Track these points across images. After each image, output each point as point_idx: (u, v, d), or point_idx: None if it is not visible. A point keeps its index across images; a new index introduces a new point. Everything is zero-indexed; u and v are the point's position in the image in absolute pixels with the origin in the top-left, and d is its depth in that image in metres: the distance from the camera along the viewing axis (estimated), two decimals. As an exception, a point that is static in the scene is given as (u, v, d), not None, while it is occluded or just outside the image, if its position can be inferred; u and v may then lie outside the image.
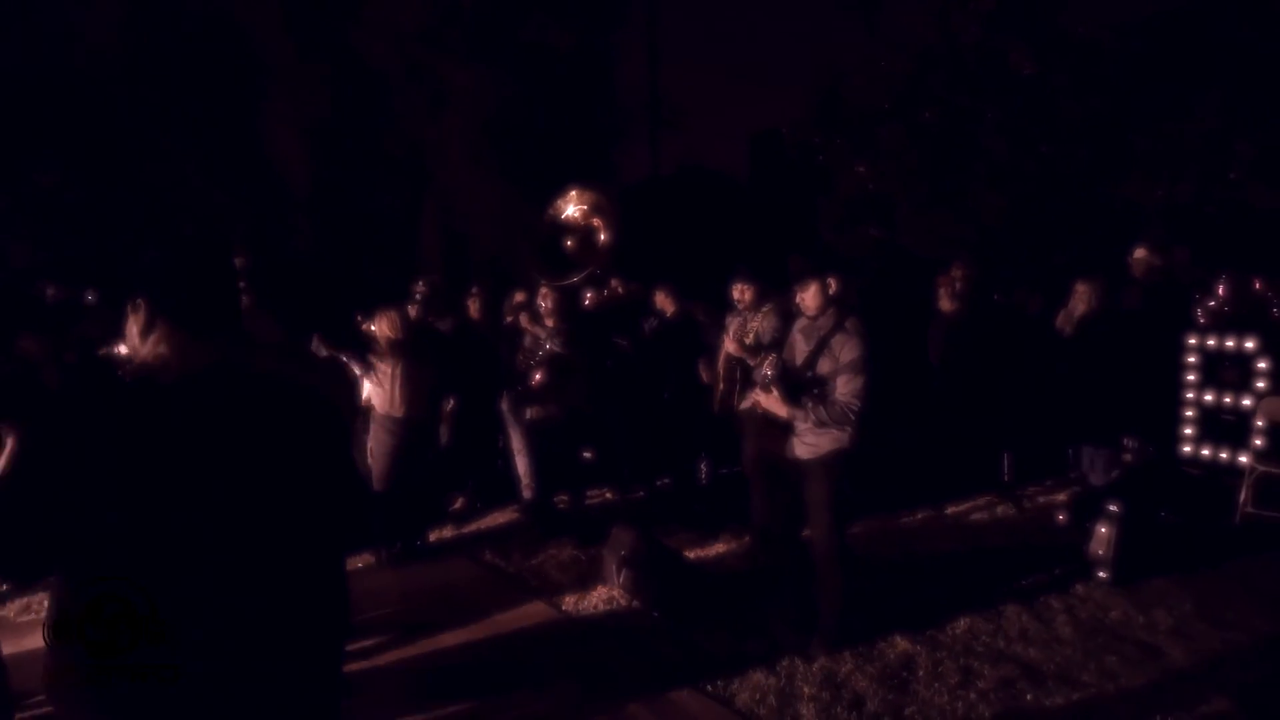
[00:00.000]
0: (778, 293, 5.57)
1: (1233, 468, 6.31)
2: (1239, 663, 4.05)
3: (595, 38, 15.08)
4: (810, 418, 4.12)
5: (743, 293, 5.59)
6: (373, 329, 5.74)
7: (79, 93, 11.74)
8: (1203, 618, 4.51)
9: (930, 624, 4.43)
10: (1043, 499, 6.66)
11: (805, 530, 4.32)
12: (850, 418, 4.07)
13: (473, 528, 6.50)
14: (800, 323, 4.43)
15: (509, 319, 6.99)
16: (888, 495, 6.73)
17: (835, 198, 14.22)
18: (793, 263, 6.53)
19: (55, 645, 1.58)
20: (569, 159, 13.91)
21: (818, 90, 14.50)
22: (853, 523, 4.84)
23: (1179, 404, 6.67)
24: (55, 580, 1.60)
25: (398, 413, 5.64)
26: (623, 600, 4.89)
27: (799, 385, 4.21)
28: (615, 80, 16.18)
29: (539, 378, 6.14)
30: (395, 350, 5.63)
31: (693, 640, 4.37)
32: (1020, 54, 12.57)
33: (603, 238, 5.51)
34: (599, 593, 5.00)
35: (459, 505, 6.80)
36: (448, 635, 4.46)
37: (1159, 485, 5.61)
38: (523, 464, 6.50)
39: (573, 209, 5.57)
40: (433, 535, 6.20)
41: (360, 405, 5.98)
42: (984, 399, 6.88)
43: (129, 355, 1.70)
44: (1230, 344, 6.42)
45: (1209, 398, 6.52)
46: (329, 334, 5.63)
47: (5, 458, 2.62)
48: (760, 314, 5.51)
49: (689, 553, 5.49)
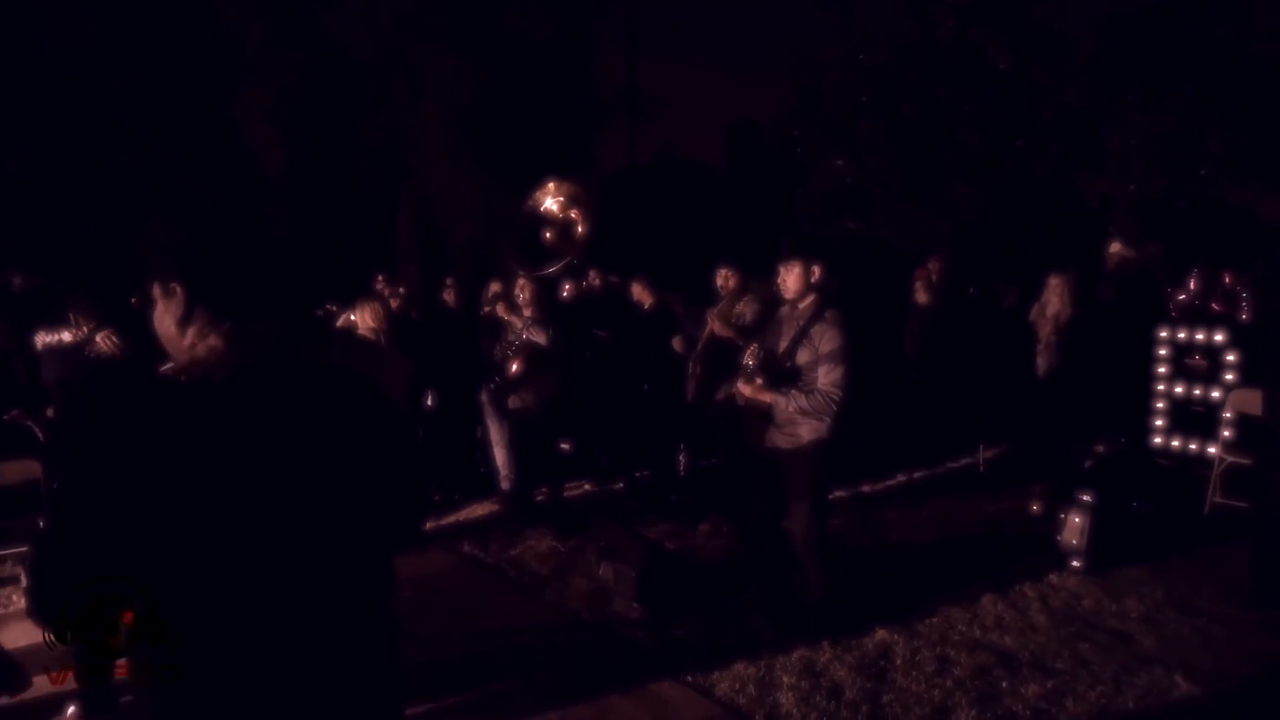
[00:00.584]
0: (760, 280, 5.63)
1: (1202, 458, 6.43)
2: (1208, 649, 4.13)
3: (574, 28, 15.02)
4: (792, 406, 4.15)
5: (726, 279, 5.85)
6: (352, 319, 5.68)
7: (48, 78, 11.51)
8: (1173, 605, 4.59)
9: (907, 613, 4.47)
10: (1017, 489, 6.73)
11: (784, 520, 4.34)
12: (832, 408, 4.10)
13: (451, 519, 6.46)
14: (782, 310, 4.45)
15: (486, 309, 6.95)
16: (865, 486, 6.80)
17: (813, 190, 14.29)
18: (785, 243, 6.59)
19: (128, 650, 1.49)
20: (547, 149, 13.85)
21: (796, 83, 14.55)
22: (831, 514, 4.87)
23: (1150, 396, 6.78)
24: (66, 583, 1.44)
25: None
26: (602, 591, 4.89)
27: (781, 375, 4.23)
28: (594, 71, 16.15)
29: (515, 368, 6.12)
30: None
31: (672, 630, 4.38)
32: (996, 48, 12.69)
33: (580, 229, 5.50)
34: (578, 584, 5.00)
35: (436, 497, 6.76)
36: (425, 626, 4.43)
37: (1131, 476, 5.68)
38: (501, 455, 6.47)
39: (550, 201, 5.55)
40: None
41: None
42: (960, 391, 6.96)
43: (121, 348, 1.61)
44: (1200, 337, 6.53)
45: (1179, 390, 6.63)
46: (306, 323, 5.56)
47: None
48: (744, 300, 5.66)
49: (668, 544, 5.50)
